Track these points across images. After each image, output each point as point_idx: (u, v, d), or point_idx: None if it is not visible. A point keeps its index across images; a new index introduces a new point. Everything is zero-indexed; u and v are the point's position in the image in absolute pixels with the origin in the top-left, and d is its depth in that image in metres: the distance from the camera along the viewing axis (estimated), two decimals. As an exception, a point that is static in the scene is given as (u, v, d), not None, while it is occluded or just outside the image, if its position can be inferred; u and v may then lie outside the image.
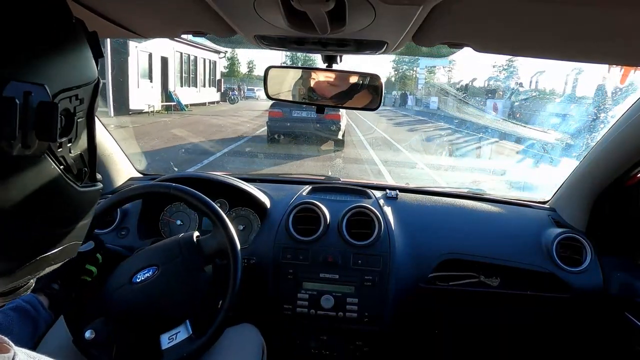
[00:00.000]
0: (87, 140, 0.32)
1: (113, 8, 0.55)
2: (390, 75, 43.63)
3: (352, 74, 0.83)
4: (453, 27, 0.56)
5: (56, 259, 0.32)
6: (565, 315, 1.29)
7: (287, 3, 0.44)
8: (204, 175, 1.36)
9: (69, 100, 0.28)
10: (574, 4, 0.43)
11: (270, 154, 7.77)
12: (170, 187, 1.00)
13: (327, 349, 1.28)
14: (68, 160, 0.30)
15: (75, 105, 0.29)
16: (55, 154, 0.28)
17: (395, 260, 1.18)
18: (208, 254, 0.94)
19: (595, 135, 1.24)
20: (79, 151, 0.32)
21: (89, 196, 0.34)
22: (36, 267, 0.30)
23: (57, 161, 0.29)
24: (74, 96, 0.29)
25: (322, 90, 0.85)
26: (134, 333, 0.90)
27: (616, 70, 1.70)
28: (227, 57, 43.47)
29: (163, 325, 0.90)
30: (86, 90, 0.30)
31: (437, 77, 35.62)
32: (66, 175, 0.30)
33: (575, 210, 1.31)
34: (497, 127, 11.43)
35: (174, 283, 0.90)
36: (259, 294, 1.20)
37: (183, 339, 0.88)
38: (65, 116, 0.28)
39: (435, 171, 6.36)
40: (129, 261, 0.96)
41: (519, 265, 1.21)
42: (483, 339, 1.47)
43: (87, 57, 0.31)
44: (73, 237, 0.33)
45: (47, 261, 0.31)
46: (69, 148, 0.30)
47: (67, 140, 0.29)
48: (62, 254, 0.32)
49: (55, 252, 0.31)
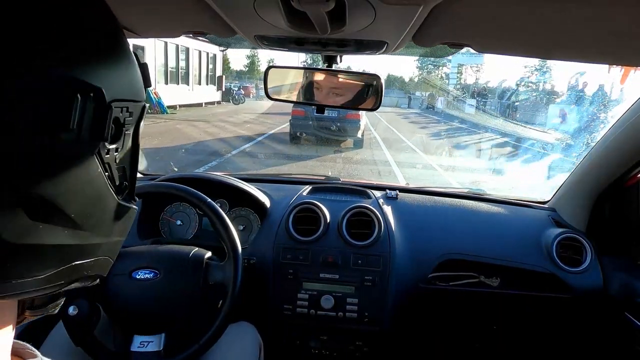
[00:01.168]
0: (130, 156, 0.34)
1: (112, 8, 0.55)
2: (414, 75, 40.50)
3: (352, 74, 0.83)
4: (453, 27, 0.56)
5: (89, 270, 0.32)
6: (565, 316, 1.29)
7: (287, 3, 0.44)
8: (204, 175, 1.36)
9: (120, 110, 0.30)
10: (574, 4, 0.43)
11: (292, 155, 7.53)
12: (172, 187, 1.00)
13: (327, 349, 1.28)
14: (113, 169, 0.31)
15: (125, 117, 0.31)
16: (103, 158, 0.30)
17: (395, 261, 1.18)
18: (211, 281, 0.93)
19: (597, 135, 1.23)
20: (123, 165, 0.33)
21: (126, 212, 0.35)
22: (70, 273, 0.30)
23: (104, 167, 0.30)
24: (125, 108, 0.31)
25: (322, 91, 0.85)
26: (115, 321, 0.91)
27: (616, 70, 1.70)
28: (247, 56, 42.32)
29: (143, 326, 0.91)
30: (136, 107, 0.33)
31: (467, 76, 31.64)
32: (110, 184, 0.31)
33: (576, 211, 1.31)
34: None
35: (168, 293, 0.90)
36: (258, 294, 1.20)
37: (151, 351, 0.89)
38: (115, 125, 0.30)
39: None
40: (134, 254, 0.95)
41: (519, 265, 1.21)
42: (483, 339, 1.47)
43: (139, 79, 0.34)
44: (106, 252, 0.34)
45: (79, 270, 0.31)
46: (115, 157, 0.31)
47: (114, 149, 0.31)
48: (95, 266, 0.33)
49: (90, 262, 0.32)
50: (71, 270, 0.30)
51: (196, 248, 0.97)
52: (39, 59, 0.24)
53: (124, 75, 0.31)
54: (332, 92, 0.84)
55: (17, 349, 0.33)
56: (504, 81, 26.01)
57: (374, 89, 0.82)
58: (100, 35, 0.30)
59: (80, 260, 0.31)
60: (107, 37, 0.30)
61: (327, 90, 0.84)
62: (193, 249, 0.97)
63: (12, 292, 0.27)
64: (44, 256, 0.28)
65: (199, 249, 0.97)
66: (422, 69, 38.82)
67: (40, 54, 0.24)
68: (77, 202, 0.28)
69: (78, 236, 0.29)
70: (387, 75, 52.09)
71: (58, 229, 0.27)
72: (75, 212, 0.28)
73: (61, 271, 0.29)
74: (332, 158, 7.23)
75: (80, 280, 0.33)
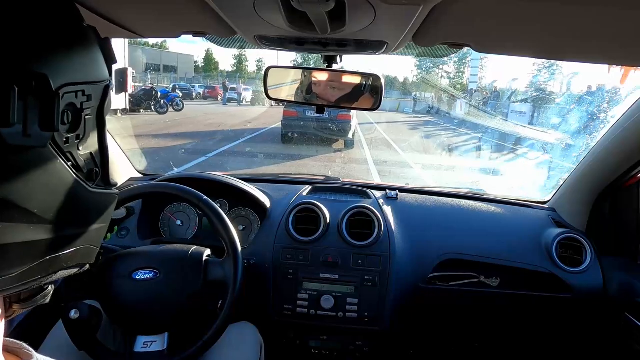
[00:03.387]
0: (97, 141, 0.33)
1: (113, 8, 0.55)
2: (420, 72, 33.64)
3: (352, 74, 0.83)
4: (453, 27, 0.56)
5: (69, 261, 0.31)
6: (565, 316, 1.29)
7: (287, 3, 0.44)
8: (204, 175, 1.36)
9: (74, 95, 0.29)
10: (574, 4, 0.43)
11: (283, 154, 7.41)
12: (171, 187, 1.00)
13: (327, 349, 1.28)
14: (77, 158, 0.30)
15: (82, 101, 0.30)
16: (61, 148, 0.28)
17: (395, 261, 1.18)
18: (211, 279, 0.93)
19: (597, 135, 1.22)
20: (89, 150, 0.32)
21: (102, 198, 0.34)
22: (46, 267, 0.29)
23: (64, 157, 0.29)
24: (80, 92, 0.29)
25: (322, 91, 0.85)
26: (117, 322, 0.91)
27: (616, 70, 1.69)
28: (234, 55, 39.39)
29: (146, 327, 0.92)
30: (94, 89, 0.31)
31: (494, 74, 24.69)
32: (75, 173, 0.30)
33: (575, 211, 1.31)
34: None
35: (169, 292, 0.90)
36: (259, 294, 1.20)
37: (155, 351, 0.89)
38: (72, 112, 0.29)
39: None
40: (133, 255, 0.95)
41: (519, 265, 1.21)
42: (483, 339, 1.47)
43: (96, 58, 0.31)
44: (88, 241, 0.33)
45: (58, 263, 0.30)
46: (77, 145, 0.30)
47: (74, 137, 0.30)
48: (76, 256, 0.32)
49: (68, 254, 0.31)
50: (47, 265, 0.29)
51: (195, 246, 0.97)
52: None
53: (75, 58, 0.29)
54: (332, 92, 0.84)
55: (14, 349, 0.33)
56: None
57: (374, 88, 0.82)
58: (41, 17, 0.27)
59: (56, 254, 0.30)
60: (51, 19, 0.28)
61: (327, 90, 0.84)
62: (192, 247, 0.97)
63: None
64: (12, 254, 0.26)
65: (198, 247, 0.97)
66: (432, 65, 31.47)
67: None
68: (37, 197, 0.27)
69: (47, 230, 0.28)
70: (384, 74, 50.77)
71: (21, 226, 0.26)
72: (37, 207, 0.27)
73: (35, 267, 0.28)
74: (329, 158, 7.16)
75: (63, 270, 0.32)
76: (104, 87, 0.32)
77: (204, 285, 0.92)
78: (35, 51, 0.26)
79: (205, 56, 43.17)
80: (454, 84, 28.86)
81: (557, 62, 12.06)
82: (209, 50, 41.32)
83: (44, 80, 0.26)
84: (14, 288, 0.28)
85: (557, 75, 21.08)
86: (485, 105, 15.17)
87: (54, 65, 0.27)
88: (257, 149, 7.74)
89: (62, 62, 0.28)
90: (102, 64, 0.32)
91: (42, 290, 0.33)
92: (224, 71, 40.83)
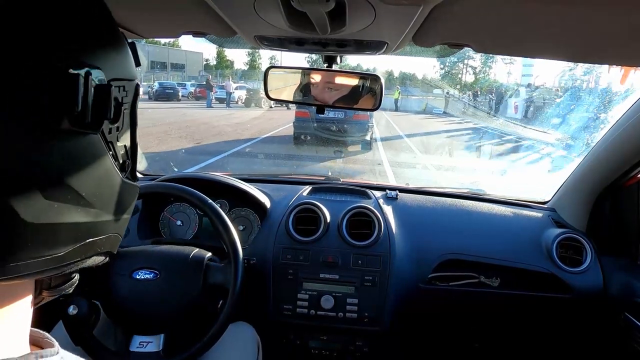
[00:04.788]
0: (129, 134, 0.35)
1: (113, 8, 0.55)
2: (458, 70, 28.24)
3: (352, 74, 0.83)
4: (453, 27, 0.56)
5: (102, 246, 0.33)
6: (565, 316, 1.29)
7: (287, 3, 0.44)
8: (204, 175, 1.36)
9: (117, 90, 0.31)
10: (573, 5, 0.43)
11: (294, 155, 6.94)
12: (172, 187, 1.00)
13: (327, 349, 1.28)
14: (115, 147, 0.32)
15: (122, 95, 0.32)
16: (106, 138, 0.31)
17: (395, 261, 1.18)
18: (211, 283, 0.93)
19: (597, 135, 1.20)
20: (124, 143, 0.34)
21: (131, 190, 0.36)
22: (85, 250, 0.31)
23: (107, 146, 0.31)
24: (122, 87, 0.32)
25: (322, 91, 0.85)
26: (115, 320, 0.92)
27: (616, 70, 1.69)
28: (247, 52, 38.52)
29: (143, 327, 0.91)
30: (130, 86, 0.34)
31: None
32: (113, 161, 0.32)
33: (576, 211, 1.31)
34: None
35: (168, 294, 0.90)
36: (259, 295, 1.20)
37: (151, 351, 0.89)
38: (115, 105, 0.31)
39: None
40: (134, 254, 0.95)
41: (519, 265, 1.21)
42: (483, 339, 1.47)
43: (129, 58, 0.34)
44: (117, 229, 0.35)
45: (94, 247, 0.32)
46: (117, 136, 0.33)
47: (115, 128, 0.32)
48: (107, 243, 0.34)
49: (103, 239, 0.33)
50: (86, 248, 0.31)
51: (196, 249, 0.97)
52: (40, 48, 0.25)
53: (117, 56, 0.32)
54: (333, 92, 0.84)
55: (37, 337, 0.33)
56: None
57: (373, 89, 0.82)
58: (90, 18, 0.30)
59: (94, 237, 0.32)
60: (97, 20, 0.31)
61: (327, 90, 0.84)
62: (193, 249, 0.96)
63: (34, 270, 0.28)
64: (61, 234, 0.28)
65: (200, 250, 0.97)
66: (465, 55, 22.46)
67: (42, 44, 0.25)
68: (87, 181, 0.29)
69: (90, 214, 0.30)
70: (401, 70, 38.30)
71: (72, 207, 0.28)
72: (86, 191, 0.29)
73: (77, 248, 0.30)
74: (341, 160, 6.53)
75: (94, 257, 0.33)
76: (136, 85, 0.35)
77: (203, 288, 0.92)
78: (89, 47, 0.29)
79: (217, 53, 42.85)
80: (487, 80, 21.82)
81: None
82: (220, 48, 40.81)
83: (100, 73, 0.29)
84: (58, 268, 0.30)
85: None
86: (549, 106, 10.57)
87: (106, 62, 0.30)
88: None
89: (109, 58, 0.31)
90: (134, 65, 0.35)
91: (70, 278, 0.35)
92: (239, 69, 40.14)
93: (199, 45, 47.68)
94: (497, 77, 23.12)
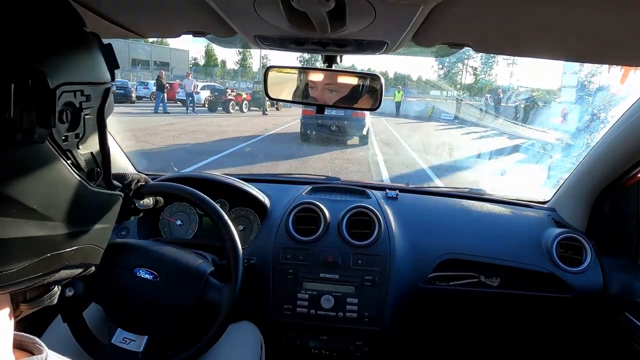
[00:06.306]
0: (98, 141, 0.33)
1: (113, 8, 0.55)
2: (477, 66, 24.03)
3: (352, 74, 0.83)
4: (453, 27, 0.56)
5: (71, 259, 0.32)
6: (565, 316, 1.29)
7: (287, 3, 0.44)
8: (204, 175, 1.36)
9: (73, 95, 0.29)
10: (573, 5, 0.43)
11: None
12: (173, 187, 0.99)
13: (327, 349, 1.28)
14: (77, 157, 0.31)
15: (80, 100, 0.30)
16: (60, 146, 0.29)
17: (395, 260, 1.18)
18: (206, 300, 0.91)
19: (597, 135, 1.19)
20: (90, 150, 0.32)
21: (104, 199, 0.34)
22: (47, 265, 0.30)
23: (63, 155, 0.29)
24: (79, 91, 0.30)
25: (322, 91, 0.85)
26: (106, 311, 0.92)
27: (616, 70, 1.70)
28: (238, 52, 37.02)
29: (130, 323, 0.92)
30: (94, 90, 0.32)
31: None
32: (75, 171, 0.30)
33: (575, 210, 1.31)
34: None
35: (162, 298, 0.89)
36: (259, 294, 1.20)
37: (131, 350, 0.89)
38: (70, 111, 0.29)
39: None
40: (141, 250, 0.94)
41: (519, 265, 1.21)
42: (483, 339, 1.47)
43: (96, 61, 0.32)
44: (90, 240, 0.33)
45: (59, 261, 0.31)
46: (77, 144, 0.30)
47: (74, 135, 0.30)
48: (79, 255, 0.32)
49: (69, 252, 0.31)
50: (47, 262, 0.29)
51: (201, 260, 0.95)
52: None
53: (74, 59, 0.30)
54: (332, 92, 0.84)
55: (28, 343, 0.33)
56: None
57: (374, 89, 0.82)
58: (41, 19, 0.28)
59: (56, 251, 0.30)
60: (50, 22, 0.29)
61: (327, 90, 0.84)
62: (199, 260, 0.95)
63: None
64: (12, 249, 0.27)
65: (204, 262, 0.95)
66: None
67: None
68: (36, 193, 0.27)
69: (46, 227, 0.28)
70: (406, 72, 35.50)
71: (21, 221, 0.27)
72: (37, 203, 0.27)
73: (37, 263, 0.28)
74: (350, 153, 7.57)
75: (63, 270, 0.32)
76: (105, 89, 0.33)
77: (197, 303, 0.90)
78: (34, 50, 0.27)
79: (206, 52, 42.43)
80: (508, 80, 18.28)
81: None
82: (209, 46, 40.19)
83: (42, 78, 0.26)
84: (15, 284, 0.28)
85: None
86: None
87: (53, 65, 0.28)
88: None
89: (60, 62, 0.29)
90: (103, 68, 0.33)
91: (48, 290, 0.33)
92: (231, 70, 39.40)
93: (185, 43, 46.72)
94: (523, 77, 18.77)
